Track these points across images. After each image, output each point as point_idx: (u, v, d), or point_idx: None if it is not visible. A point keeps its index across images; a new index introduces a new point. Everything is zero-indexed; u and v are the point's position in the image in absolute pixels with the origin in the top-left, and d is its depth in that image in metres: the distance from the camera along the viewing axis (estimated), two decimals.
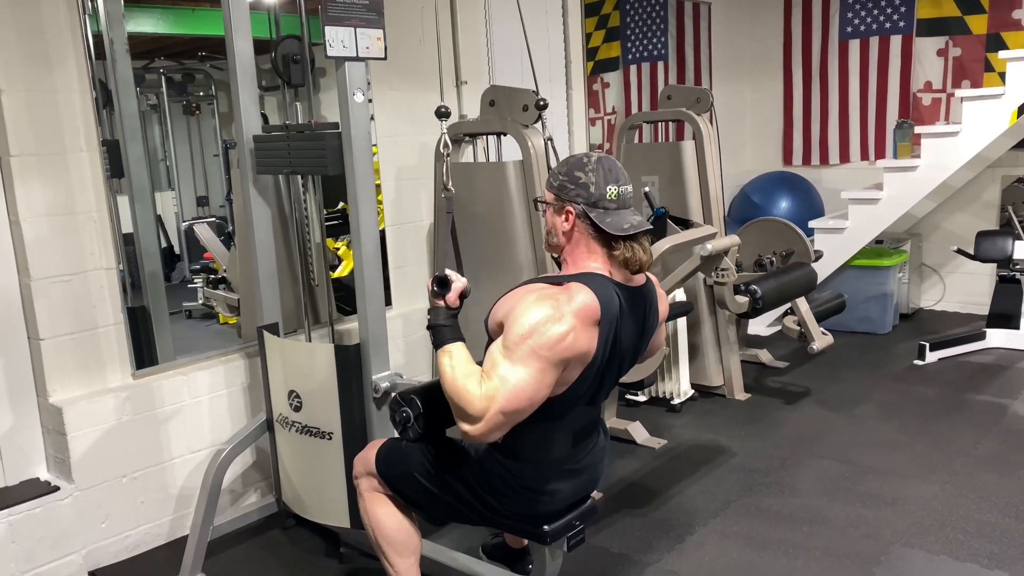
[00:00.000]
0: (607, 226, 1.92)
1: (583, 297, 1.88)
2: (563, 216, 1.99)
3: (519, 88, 3.33)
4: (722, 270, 3.08)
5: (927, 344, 4.86)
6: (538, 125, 3.26)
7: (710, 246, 2.97)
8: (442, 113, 3.21)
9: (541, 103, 3.19)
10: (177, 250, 4.71)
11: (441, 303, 2.04)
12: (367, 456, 2.33)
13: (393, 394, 2.31)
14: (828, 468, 3.54)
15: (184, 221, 4.71)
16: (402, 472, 2.24)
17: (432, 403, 2.32)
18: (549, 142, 3.28)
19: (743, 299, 3.40)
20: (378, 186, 3.87)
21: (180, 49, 4.68)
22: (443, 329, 2.00)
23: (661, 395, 4.33)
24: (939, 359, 4.88)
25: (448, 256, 3.10)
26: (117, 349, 3.05)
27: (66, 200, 2.89)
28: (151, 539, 3.13)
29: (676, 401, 4.27)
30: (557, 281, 1.97)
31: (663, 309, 2.24)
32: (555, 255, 2.14)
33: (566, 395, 1.97)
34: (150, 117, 4.69)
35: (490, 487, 2.10)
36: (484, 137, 3.49)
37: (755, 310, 3.46)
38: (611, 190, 1.94)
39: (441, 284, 2.05)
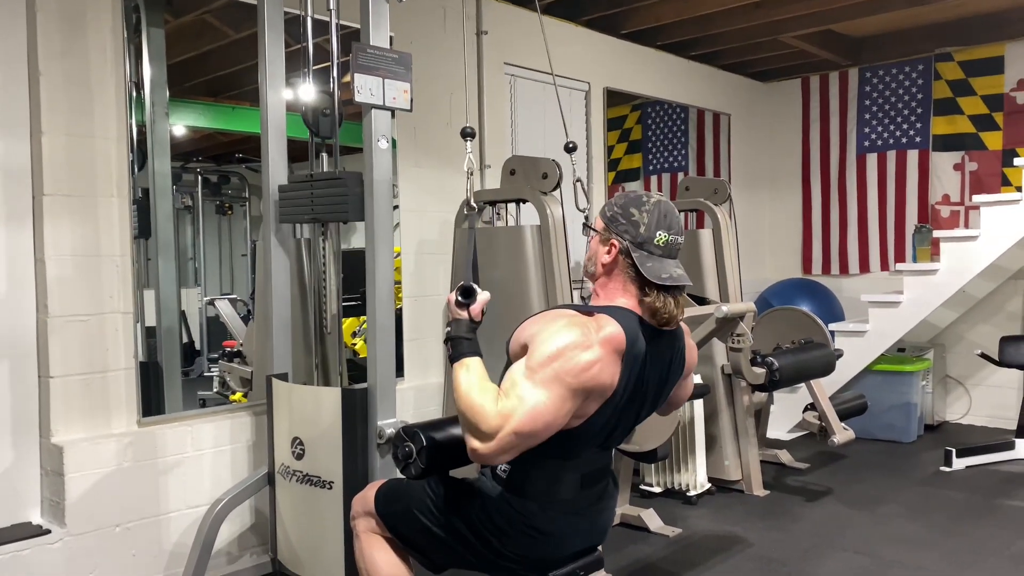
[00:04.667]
0: (647, 271, 1.87)
1: (611, 328, 1.84)
2: (607, 248, 1.95)
3: (539, 157, 3.42)
4: (738, 335, 3.05)
5: (954, 450, 4.70)
6: (556, 193, 3.32)
7: (725, 308, 2.95)
8: (467, 134, 3.27)
9: (571, 145, 3.27)
10: (198, 345, 4.76)
11: (464, 315, 1.98)
12: (366, 495, 2.25)
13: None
14: (852, 560, 3.35)
15: (206, 297, 4.78)
16: (402, 509, 2.15)
17: (436, 439, 2.28)
18: (579, 183, 3.33)
19: (760, 370, 3.34)
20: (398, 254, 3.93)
21: (218, 152, 4.89)
22: (464, 342, 1.95)
23: (676, 487, 4.19)
24: (966, 466, 4.70)
25: (469, 268, 3.05)
26: (125, 394, 3.03)
27: (92, 242, 2.95)
28: None
29: (692, 493, 4.12)
30: (587, 311, 1.91)
31: (691, 359, 2.16)
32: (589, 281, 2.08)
33: (581, 430, 1.89)
34: (183, 216, 4.87)
35: (494, 526, 2.00)
36: (505, 205, 3.56)
37: (772, 382, 3.39)
38: (661, 235, 1.89)
39: (466, 294, 1.99)
